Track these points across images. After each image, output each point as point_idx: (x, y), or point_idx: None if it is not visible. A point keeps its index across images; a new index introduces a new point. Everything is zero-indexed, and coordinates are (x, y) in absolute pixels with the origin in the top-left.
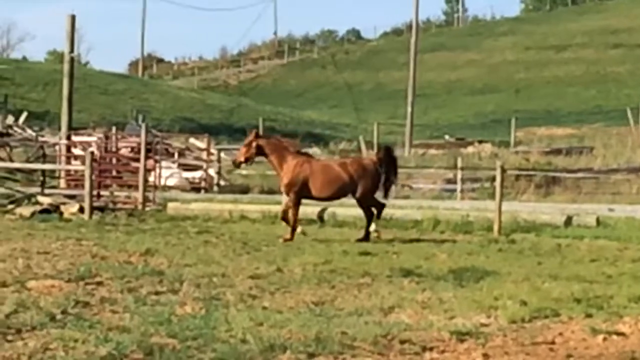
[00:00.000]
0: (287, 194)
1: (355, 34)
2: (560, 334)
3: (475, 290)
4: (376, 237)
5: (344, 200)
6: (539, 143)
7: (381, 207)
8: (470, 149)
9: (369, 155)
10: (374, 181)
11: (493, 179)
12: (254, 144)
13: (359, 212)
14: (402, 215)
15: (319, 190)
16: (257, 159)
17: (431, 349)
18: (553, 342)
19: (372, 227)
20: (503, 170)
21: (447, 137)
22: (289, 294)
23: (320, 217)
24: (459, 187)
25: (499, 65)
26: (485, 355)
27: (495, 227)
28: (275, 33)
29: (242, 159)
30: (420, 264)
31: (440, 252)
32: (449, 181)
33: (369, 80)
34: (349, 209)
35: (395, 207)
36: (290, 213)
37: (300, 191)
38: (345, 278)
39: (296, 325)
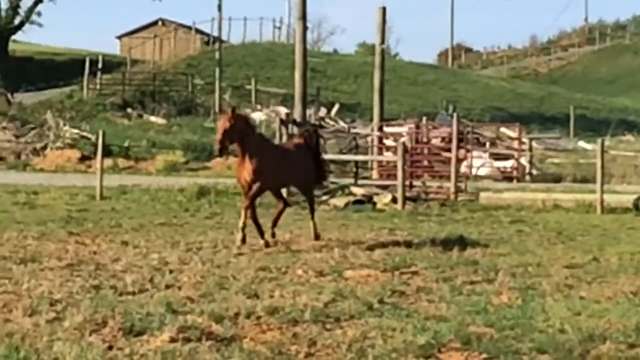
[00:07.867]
0: (253, 184)
1: None
2: None
3: None
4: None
5: None
6: None
7: (285, 206)
8: None
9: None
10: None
11: None
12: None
13: None
14: None
15: (287, 177)
16: None
17: None
18: None
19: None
20: None
21: None
22: (606, 283)
23: (636, 205)
24: None
25: None
26: None
27: None
28: (585, 19)
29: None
30: None
31: None
32: None
33: None
34: None
35: None
36: (245, 207)
37: (269, 181)
38: None
39: (615, 315)
